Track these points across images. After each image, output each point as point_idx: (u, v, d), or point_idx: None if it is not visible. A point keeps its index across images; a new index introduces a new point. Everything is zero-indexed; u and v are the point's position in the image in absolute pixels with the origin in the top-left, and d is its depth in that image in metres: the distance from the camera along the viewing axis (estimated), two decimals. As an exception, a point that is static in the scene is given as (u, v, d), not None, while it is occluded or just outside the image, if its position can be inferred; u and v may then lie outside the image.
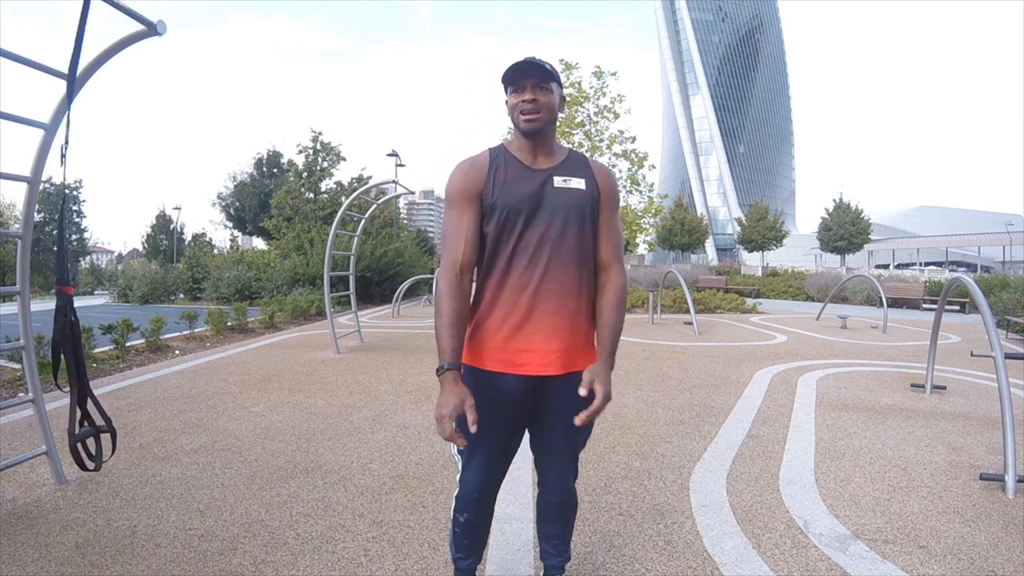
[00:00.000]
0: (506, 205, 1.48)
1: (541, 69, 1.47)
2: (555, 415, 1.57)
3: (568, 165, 1.57)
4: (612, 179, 1.63)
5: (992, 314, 3.37)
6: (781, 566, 2.08)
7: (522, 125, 1.50)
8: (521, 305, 1.48)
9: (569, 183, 1.52)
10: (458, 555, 1.74)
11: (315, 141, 24.37)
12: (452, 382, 1.39)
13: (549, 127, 1.52)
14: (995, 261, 52.01)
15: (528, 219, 1.49)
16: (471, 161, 1.56)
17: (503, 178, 1.51)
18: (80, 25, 2.30)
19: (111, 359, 6.03)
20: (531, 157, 1.54)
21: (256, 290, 15.87)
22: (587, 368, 1.48)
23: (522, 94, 1.48)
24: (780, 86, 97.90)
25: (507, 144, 1.60)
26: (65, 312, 2.47)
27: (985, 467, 3.10)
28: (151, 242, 39.73)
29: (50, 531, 2.31)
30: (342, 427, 3.77)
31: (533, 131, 1.49)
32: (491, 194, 1.49)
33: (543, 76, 1.47)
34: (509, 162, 1.54)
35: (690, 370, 5.83)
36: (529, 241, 1.49)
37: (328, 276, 7.26)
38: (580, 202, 1.52)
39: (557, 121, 1.57)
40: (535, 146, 1.54)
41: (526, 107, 1.47)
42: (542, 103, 1.47)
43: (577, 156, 1.62)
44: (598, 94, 16.69)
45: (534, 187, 1.50)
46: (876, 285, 11.34)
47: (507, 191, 1.49)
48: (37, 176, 2.70)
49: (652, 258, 58.77)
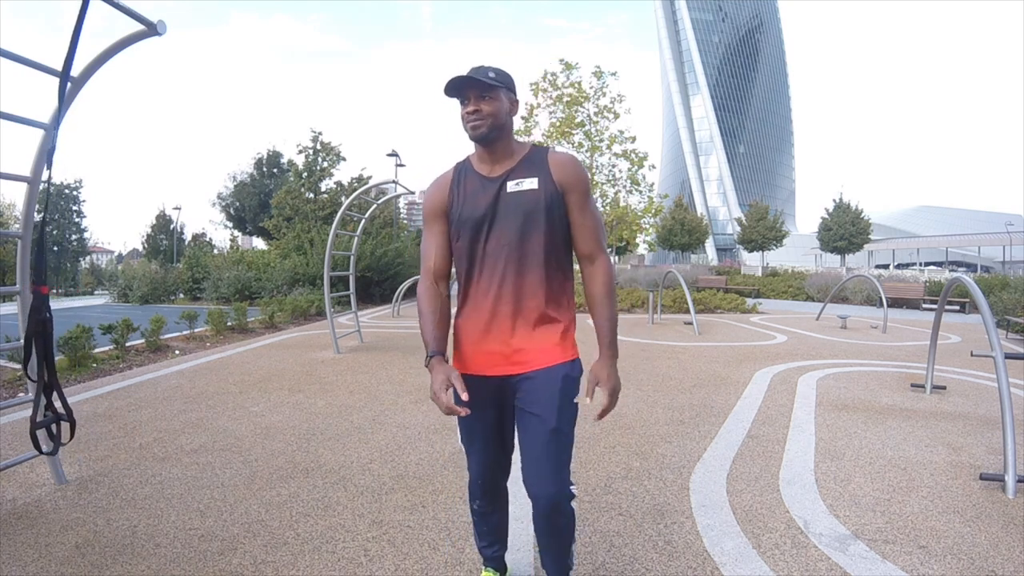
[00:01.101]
0: (465, 219, 1.58)
1: (478, 82, 1.51)
2: (524, 415, 1.56)
3: (524, 166, 1.59)
4: (572, 168, 1.58)
5: (992, 314, 3.37)
6: (781, 566, 2.08)
7: (469, 133, 1.57)
8: (485, 310, 1.57)
9: (521, 185, 1.56)
10: (482, 544, 1.85)
11: (315, 141, 24.36)
12: (438, 363, 1.49)
13: (498, 132, 1.56)
14: (995, 261, 52.00)
15: (487, 228, 1.56)
16: (437, 181, 1.67)
17: (463, 193, 1.61)
18: (77, 25, 2.30)
19: (111, 359, 6.03)
20: (488, 166, 1.61)
21: (256, 290, 15.87)
22: (591, 369, 1.56)
23: (467, 105, 1.54)
24: (780, 86, 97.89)
25: (471, 156, 1.67)
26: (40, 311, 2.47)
27: (985, 467, 3.10)
28: (151, 242, 39.72)
29: (50, 531, 2.31)
30: (342, 427, 3.77)
31: (479, 138, 1.56)
32: (453, 210, 1.61)
33: (482, 88, 1.52)
34: (469, 175, 1.63)
35: (690, 370, 5.83)
36: (489, 249, 1.57)
37: (328, 276, 7.26)
38: (534, 202, 1.55)
39: (509, 126, 1.60)
40: (491, 153, 1.59)
41: (470, 117, 1.54)
42: (485, 112, 1.53)
43: (536, 153, 1.62)
44: (598, 94, 16.67)
45: (489, 197, 1.57)
46: (876, 285, 11.34)
47: (466, 206, 1.59)
48: (37, 176, 2.70)
49: (652, 258, 58.77)
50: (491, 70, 1.55)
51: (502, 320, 1.56)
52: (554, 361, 1.56)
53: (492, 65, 1.58)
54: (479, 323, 1.59)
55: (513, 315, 1.56)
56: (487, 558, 1.87)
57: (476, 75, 1.52)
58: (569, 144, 16.43)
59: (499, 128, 1.56)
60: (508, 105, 1.58)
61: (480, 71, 1.54)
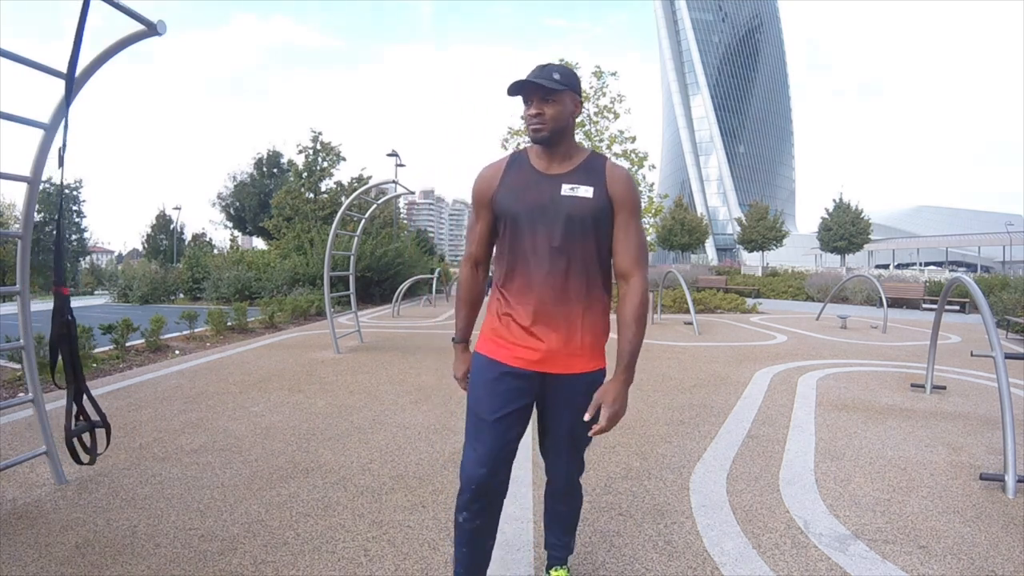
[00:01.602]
0: (507, 211, 1.58)
1: (541, 87, 1.50)
2: (554, 413, 1.65)
3: (581, 172, 1.57)
4: (627, 184, 1.58)
5: (992, 314, 3.37)
6: (781, 566, 2.08)
7: (530, 135, 1.57)
8: (524, 305, 1.57)
9: (576, 191, 1.55)
10: (459, 569, 1.65)
11: (315, 141, 24.36)
12: (460, 351, 1.77)
13: (559, 135, 1.56)
14: (995, 261, 52.01)
15: (531, 225, 1.55)
16: (489, 167, 1.68)
17: (511, 184, 1.60)
18: (79, 25, 2.30)
19: (111, 359, 6.03)
20: (546, 163, 1.60)
21: (256, 290, 15.87)
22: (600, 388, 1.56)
23: (530, 107, 1.53)
24: (780, 86, 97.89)
25: (529, 148, 1.65)
26: (63, 312, 2.47)
27: (985, 467, 3.10)
28: (151, 242, 39.74)
29: (50, 531, 2.31)
30: (342, 427, 3.77)
31: (540, 140, 1.56)
32: (499, 198, 1.61)
33: (546, 91, 1.51)
34: (523, 167, 1.62)
35: (690, 370, 5.83)
36: (533, 246, 1.55)
37: (328, 276, 7.26)
38: (585, 211, 1.53)
39: (571, 127, 1.60)
40: (549, 152, 1.59)
41: (532, 120, 1.53)
42: (548, 115, 1.52)
43: (594, 161, 1.61)
44: (598, 94, 16.64)
45: (540, 194, 1.56)
46: (876, 285, 11.34)
47: (510, 197, 1.58)
48: (37, 176, 2.70)
49: (652, 258, 58.60)
50: (556, 70, 1.53)
51: (540, 320, 1.56)
52: (583, 368, 1.59)
53: (557, 64, 1.56)
54: (518, 317, 1.58)
55: (552, 317, 1.56)
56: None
57: (540, 77, 1.50)
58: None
59: (560, 132, 1.55)
60: (572, 107, 1.56)
61: (545, 72, 1.52)
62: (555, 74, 1.52)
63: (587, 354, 1.60)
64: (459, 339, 1.76)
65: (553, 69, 1.53)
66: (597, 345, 1.63)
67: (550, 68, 1.53)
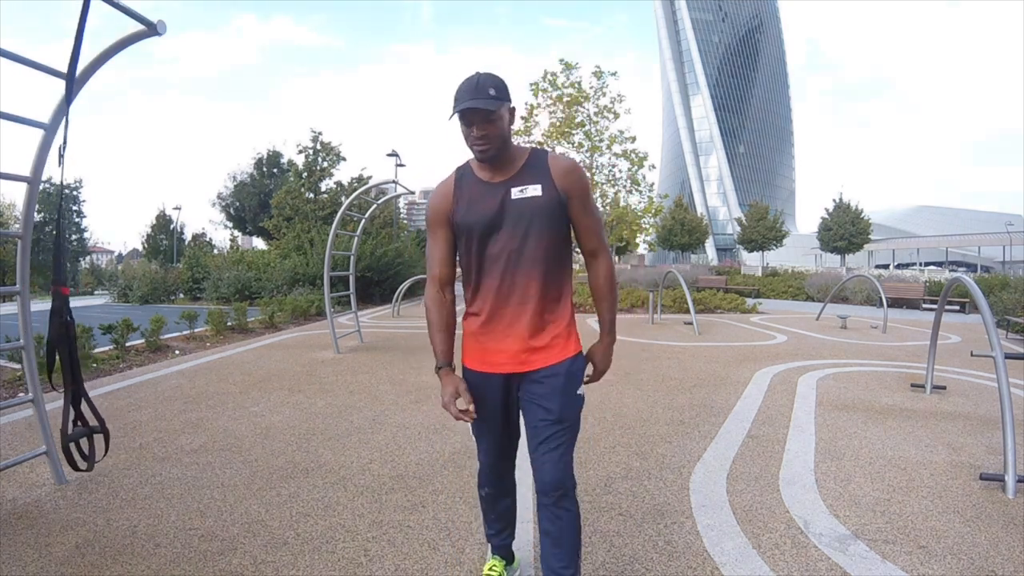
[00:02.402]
0: (468, 224, 1.62)
1: (483, 111, 1.50)
2: (534, 406, 1.65)
3: (526, 172, 1.61)
4: (575, 174, 1.62)
5: (992, 314, 3.37)
6: (781, 566, 2.08)
7: (477, 156, 1.59)
8: (490, 311, 1.64)
9: (525, 192, 1.58)
10: (490, 531, 1.91)
11: (315, 141, 24.35)
12: (447, 375, 1.61)
13: (503, 149, 1.58)
14: (995, 261, 51.99)
15: (490, 233, 1.60)
16: (439, 188, 1.70)
17: (466, 199, 1.64)
18: (80, 25, 2.30)
19: (111, 359, 6.03)
20: (489, 173, 1.63)
21: (256, 290, 15.87)
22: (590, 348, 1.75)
23: (472, 130, 1.54)
24: (780, 86, 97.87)
25: (470, 161, 1.68)
26: (61, 312, 2.46)
27: (985, 467, 3.10)
28: (151, 242, 39.71)
29: (50, 531, 2.31)
30: (342, 427, 3.77)
31: (487, 159, 1.58)
32: (456, 216, 1.64)
33: (487, 113, 1.51)
34: (470, 181, 1.65)
35: (690, 370, 5.83)
36: (492, 253, 1.61)
37: (328, 276, 7.26)
38: (539, 209, 1.58)
39: (510, 137, 1.61)
40: (493, 164, 1.61)
41: (476, 142, 1.55)
42: (491, 134, 1.54)
43: (536, 158, 1.64)
44: (598, 94, 16.67)
45: (494, 202, 1.60)
46: (876, 285, 11.34)
47: (469, 211, 1.62)
48: (37, 176, 2.70)
49: (652, 258, 58.79)
50: (490, 85, 1.52)
51: (508, 322, 1.63)
52: (558, 358, 1.63)
53: (486, 73, 1.56)
54: (486, 325, 1.65)
55: (518, 316, 1.62)
56: (495, 547, 1.92)
57: (479, 98, 1.50)
58: (569, 144, 16.42)
59: (504, 145, 1.58)
60: (509, 118, 1.59)
61: (480, 90, 1.51)
62: (491, 90, 1.52)
63: (559, 345, 1.64)
64: (442, 363, 1.62)
65: (488, 84, 1.52)
66: (567, 334, 1.67)
67: (484, 84, 1.52)
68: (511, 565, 1.97)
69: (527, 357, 1.62)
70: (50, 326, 2.47)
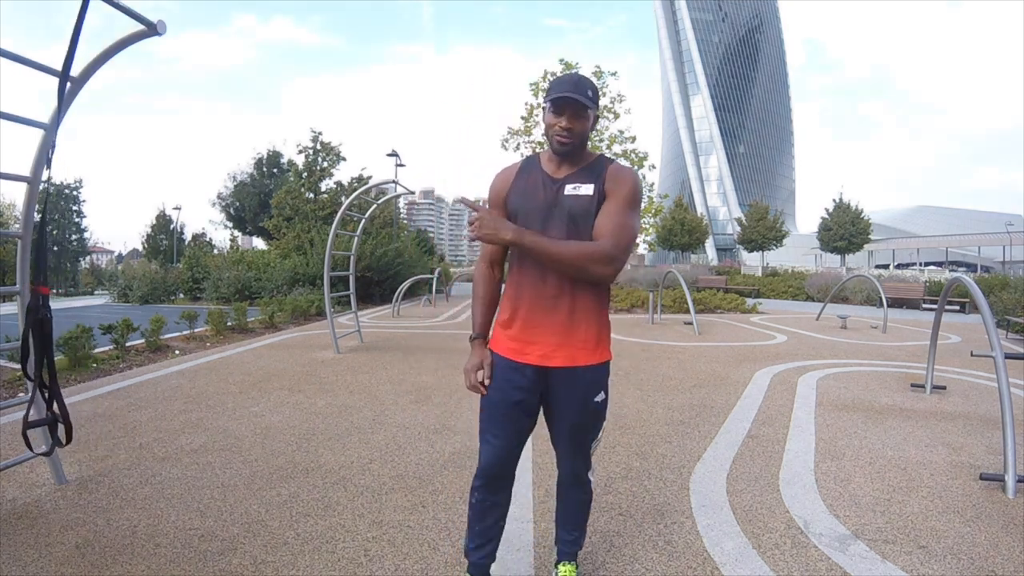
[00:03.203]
0: (518, 211, 1.66)
1: (579, 102, 1.55)
2: (556, 406, 1.71)
3: (585, 172, 1.64)
4: (625, 179, 1.63)
5: (992, 314, 3.37)
6: (781, 566, 2.08)
7: (555, 146, 1.62)
8: (527, 301, 1.65)
9: (579, 190, 1.62)
10: (470, 545, 1.83)
11: (315, 141, 24.34)
12: (478, 346, 1.74)
13: (580, 147, 1.64)
14: (995, 261, 51.95)
15: (538, 224, 1.62)
16: (504, 170, 1.77)
17: (522, 186, 1.68)
18: (77, 24, 2.29)
19: (111, 359, 6.03)
20: (555, 167, 1.67)
21: (256, 290, 15.86)
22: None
23: (560, 118, 1.58)
24: (780, 86, 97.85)
25: (541, 153, 1.74)
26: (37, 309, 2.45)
27: (985, 467, 3.10)
28: (151, 242, 39.70)
29: (50, 531, 2.31)
30: (342, 427, 3.77)
31: (563, 152, 1.62)
32: (509, 200, 1.69)
33: (581, 106, 1.57)
34: (534, 171, 1.70)
35: (690, 370, 5.83)
36: None
37: (328, 276, 7.26)
38: (586, 207, 1.60)
39: (587, 141, 1.67)
40: (562, 158, 1.66)
41: (561, 132, 1.59)
42: (576, 130, 1.59)
43: (598, 162, 1.67)
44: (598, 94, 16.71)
45: (547, 195, 1.64)
46: (876, 285, 11.35)
47: (521, 199, 1.66)
48: (37, 176, 2.70)
49: (652, 258, 58.74)
50: (589, 87, 1.58)
51: (544, 314, 1.63)
52: (587, 361, 1.66)
53: (588, 79, 1.61)
54: (521, 314, 1.66)
55: (552, 311, 1.63)
56: (472, 563, 1.82)
57: (578, 93, 1.54)
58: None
59: (582, 144, 1.64)
60: (593, 122, 1.65)
61: (580, 87, 1.56)
62: (589, 91, 1.57)
63: (590, 347, 1.66)
64: (475, 335, 1.76)
65: (587, 85, 1.57)
66: (599, 338, 1.68)
67: (584, 83, 1.57)
68: None
69: (560, 352, 1.64)
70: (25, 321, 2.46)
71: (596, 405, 1.70)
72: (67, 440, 2.66)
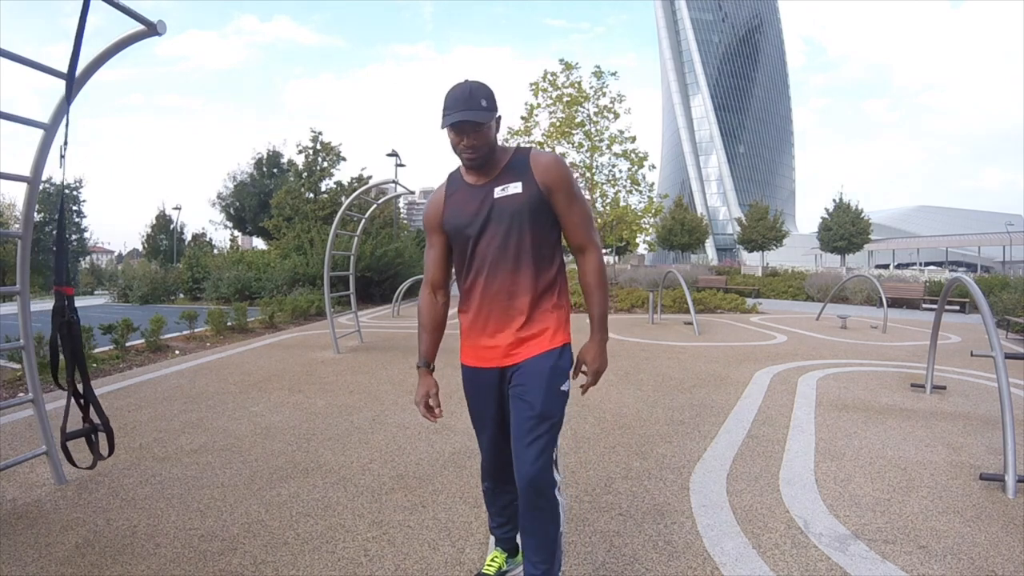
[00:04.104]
0: (455, 227, 1.69)
1: (473, 124, 1.55)
2: (513, 403, 1.69)
3: (508, 172, 1.65)
4: (555, 168, 1.63)
5: (992, 314, 3.37)
6: (781, 566, 2.08)
7: (465, 163, 1.66)
8: (480, 309, 1.69)
9: (506, 191, 1.63)
10: (492, 524, 1.97)
11: (315, 141, 24.34)
12: (423, 375, 1.77)
13: (489, 156, 1.64)
14: (995, 261, 51.96)
15: (477, 234, 1.65)
16: (432, 196, 1.78)
17: (454, 203, 1.70)
18: (80, 25, 2.30)
19: (111, 359, 6.03)
20: (476, 176, 1.68)
21: (256, 290, 15.85)
22: (581, 350, 1.71)
23: (461, 138, 1.58)
24: (780, 86, 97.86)
25: (461, 167, 1.73)
26: (63, 312, 2.45)
27: (985, 467, 3.10)
28: (151, 242, 39.67)
29: (50, 531, 2.31)
30: (342, 427, 3.77)
31: (476, 167, 1.64)
32: (446, 221, 1.71)
33: (477, 125, 1.56)
34: (459, 186, 1.71)
35: (690, 370, 5.83)
36: (479, 251, 1.66)
37: (328, 276, 7.26)
38: (519, 206, 1.62)
39: (496, 144, 1.66)
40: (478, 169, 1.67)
41: (466, 151, 1.60)
42: (479, 145, 1.59)
43: (519, 157, 1.67)
44: (598, 94, 16.66)
45: (477, 204, 1.65)
46: (876, 285, 11.35)
47: (456, 215, 1.68)
48: (37, 176, 2.70)
49: (652, 258, 58.79)
50: (482, 96, 1.57)
51: (497, 318, 1.67)
52: (543, 348, 1.66)
53: (477, 83, 1.59)
54: (477, 321, 1.71)
55: (507, 312, 1.66)
56: (497, 538, 1.97)
57: (470, 110, 1.54)
58: (569, 144, 16.41)
59: (490, 152, 1.63)
60: (495, 127, 1.64)
61: (473, 101, 1.55)
62: (483, 101, 1.56)
63: (547, 337, 1.67)
64: (421, 363, 1.78)
65: (480, 95, 1.56)
66: (556, 328, 1.69)
67: (476, 94, 1.55)
68: (514, 558, 1.98)
69: (514, 350, 1.67)
70: (52, 325, 2.46)
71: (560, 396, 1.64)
72: (110, 451, 2.65)
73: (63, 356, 2.46)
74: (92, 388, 2.62)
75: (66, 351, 2.47)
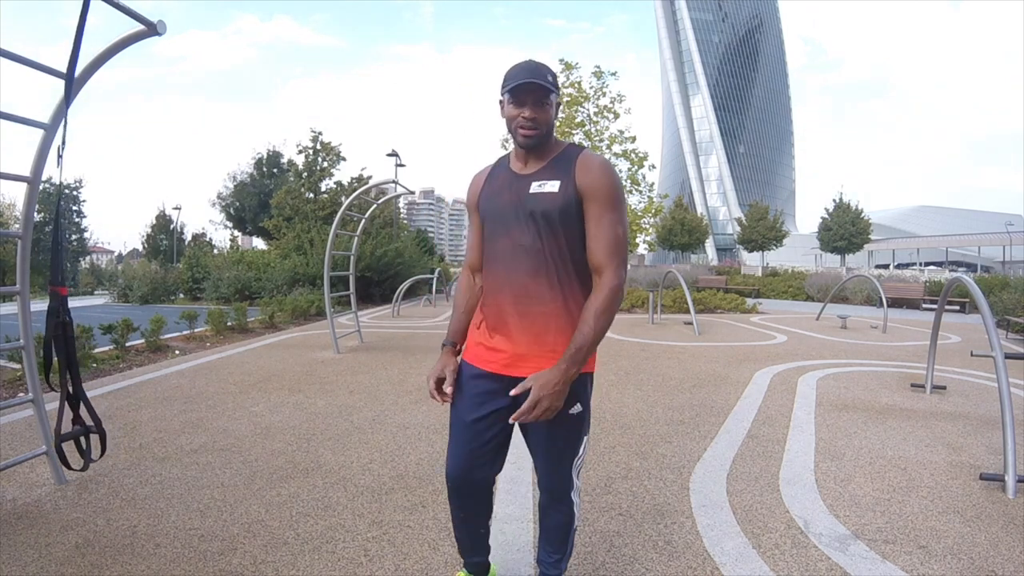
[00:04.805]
0: (485, 214, 1.61)
1: (542, 87, 1.44)
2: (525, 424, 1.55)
3: (551, 166, 1.52)
4: (598, 173, 1.48)
5: (992, 314, 3.37)
6: (781, 566, 2.08)
7: (520, 140, 1.50)
8: (495, 309, 1.57)
9: (543, 187, 1.49)
10: (459, 545, 1.81)
11: (315, 141, 24.35)
12: (445, 353, 1.65)
13: (546, 139, 1.52)
14: (995, 261, 51.96)
15: (504, 226, 1.54)
16: (477, 174, 1.70)
17: (491, 187, 1.61)
18: (79, 25, 2.30)
19: (111, 359, 6.03)
20: (522, 164, 1.57)
21: (256, 290, 15.85)
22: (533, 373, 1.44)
23: (521, 108, 1.46)
24: (780, 86, 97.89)
25: (512, 152, 1.63)
26: (58, 313, 2.45)
27: (985, 467, 3.10)
28: (151, 242, 39.70)
29: (50, 531, 2.31)
30: (342, 427, 3.77)
31: (529, 145, 1.50)
32: (480, 205, 1.63)
33: (543, 93, 1.45)
34: (503, 170, 1.61)
35: (690, 370, 5.83)
36: (503, 247, 1.55)
37: (328, 276, 7.26)
38: (550, 206, 1.47)
39: (553, 130, 1.55)
40: (527, 153, 1.55)
41: (525, 123, 1.47)
42: (540, 120, 1.47)
43: (568, 153, 1.54)
44: (598, 94, 16.70)
45: (512, 195, 1.54)
46: (876, 285, 11.35)
47: (489, 202, 1.60)
48: (37, 176, 2.70)
49: (652, 258, 58.74)
50: (548, 72, 1.46)
51: (508, 321, 1.53)
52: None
53: (543, 64, 1.48)
54: (488, 320, 1.58)
55: (520, 318, 1.51)
56: (465, 563, 1.81)
57: (539, 78, 1.43)
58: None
59: (547, 135, 1.51)
60: (555, 110, 1.53)
61: (539, 73, 1.44)
62: (548, 75, 1.46)
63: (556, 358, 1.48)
64: (446, 341, 1.67)
65: (545, 70, 1.46)
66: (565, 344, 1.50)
67: (542, 69, 1.46)
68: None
69: (526, 363, 1.51)
70: (46, 326, 2.46)
71: (572, 420, 1.53)
72: (101, 452, 2.67)
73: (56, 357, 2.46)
74: (83, 389, 2.62)
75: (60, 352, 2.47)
